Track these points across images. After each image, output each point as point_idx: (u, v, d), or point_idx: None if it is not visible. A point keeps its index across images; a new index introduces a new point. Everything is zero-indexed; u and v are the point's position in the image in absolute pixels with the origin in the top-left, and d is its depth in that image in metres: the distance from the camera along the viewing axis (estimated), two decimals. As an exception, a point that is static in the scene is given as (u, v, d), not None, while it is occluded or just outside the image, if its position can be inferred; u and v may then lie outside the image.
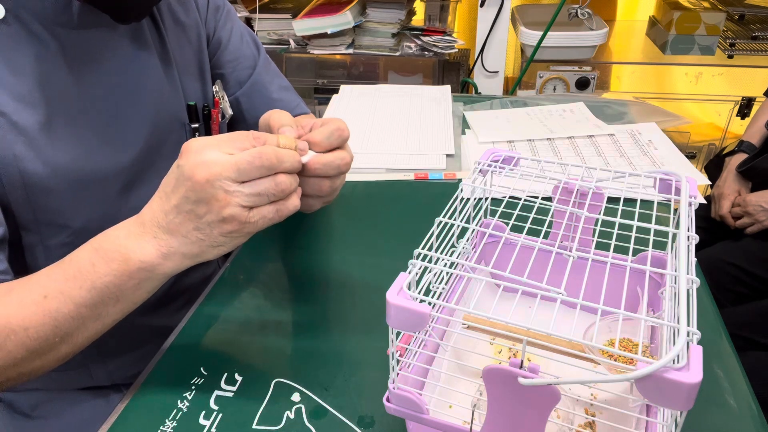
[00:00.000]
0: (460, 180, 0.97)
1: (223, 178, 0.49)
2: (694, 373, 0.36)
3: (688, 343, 0.38)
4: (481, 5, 1.67)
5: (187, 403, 0.58)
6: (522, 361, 0.40)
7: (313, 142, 0.56)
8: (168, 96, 0.73)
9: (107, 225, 0.54)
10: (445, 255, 0.49)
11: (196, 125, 0.78)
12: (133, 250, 0.52)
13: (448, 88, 1.33)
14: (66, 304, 0.52)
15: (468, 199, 0.58)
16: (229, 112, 0.83)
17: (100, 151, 0.65)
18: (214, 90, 0.81)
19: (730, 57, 1.75)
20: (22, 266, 0.65)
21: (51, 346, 0.53)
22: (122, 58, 0.67)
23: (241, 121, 0.87)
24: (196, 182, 0.49)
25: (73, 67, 0.62)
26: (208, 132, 0.81)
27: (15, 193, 0.60)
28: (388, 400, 0.49)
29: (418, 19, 1.83)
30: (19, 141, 0.59)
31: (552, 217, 0.55)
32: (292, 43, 1.78)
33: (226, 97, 0.83)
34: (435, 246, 0.50)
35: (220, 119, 0.81)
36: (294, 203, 0.53)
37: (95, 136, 0.65)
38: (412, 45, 1.75)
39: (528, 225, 0.51)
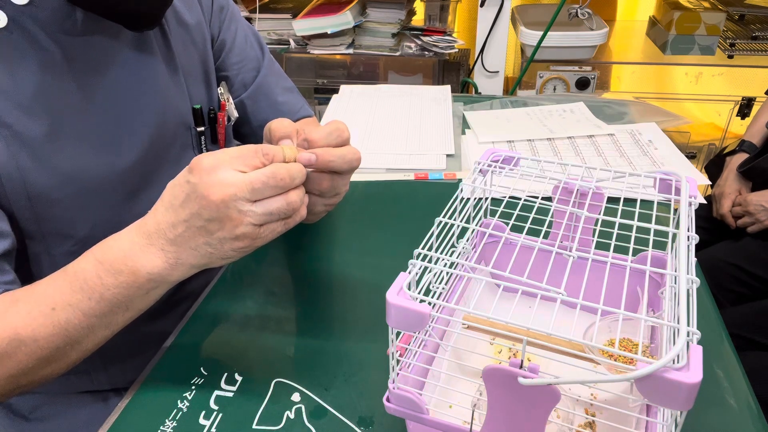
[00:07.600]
0: (460, 180, 0.97)
1: (238, 198, 0.49)
2: (694, 373, 0.36)
3: (688, 343, 0.38)
4: (481, 5, 1.67)
5: (187, 403, 0.58)
6: (522, 361, 0.40)
7: (311, 141, 0.56)
8: (173, 100, 0.72)
9: (113, 232, 0.54)
10: (445, 255, 0.49)
11: (202, 129, 0.77)
12: (141, 262, 0.51)
13: (448, 88, 1.33)
14: (76, 315, 0.52)
15: (468, 199, 0.57)
16: (235, 114, 0.82)
17: (104, 159, 0.65)
18: (219, 92, 0.80)
19: (730, 57, 1.75)
20: (27, 275, 0.64)
21: (61, 354, 0.54)
22: (126, 63, 0.66)
23: (245, 124, 0.86)
24: (211, 201, 0.49)
25: (76, 75, 0.62)
26: (214, 135, 0.80)
27: (19, 203, 0.60)
28: (388, 400, 0.49)
29: (418, 19, 1.82)
30: (22, 152, 0.58)
31: (552, 217, 0.55)
32: (292, 43, 1.78)
33: (231, 100, 0.82)
34: (435, 246, 0.50)
35: (226, 122, 0.80)
36: (301, 215, 0.54)
37: (99, 145, 0.64)
38: (412, 45, 1.75)
39: (528, 225, 0.51)
